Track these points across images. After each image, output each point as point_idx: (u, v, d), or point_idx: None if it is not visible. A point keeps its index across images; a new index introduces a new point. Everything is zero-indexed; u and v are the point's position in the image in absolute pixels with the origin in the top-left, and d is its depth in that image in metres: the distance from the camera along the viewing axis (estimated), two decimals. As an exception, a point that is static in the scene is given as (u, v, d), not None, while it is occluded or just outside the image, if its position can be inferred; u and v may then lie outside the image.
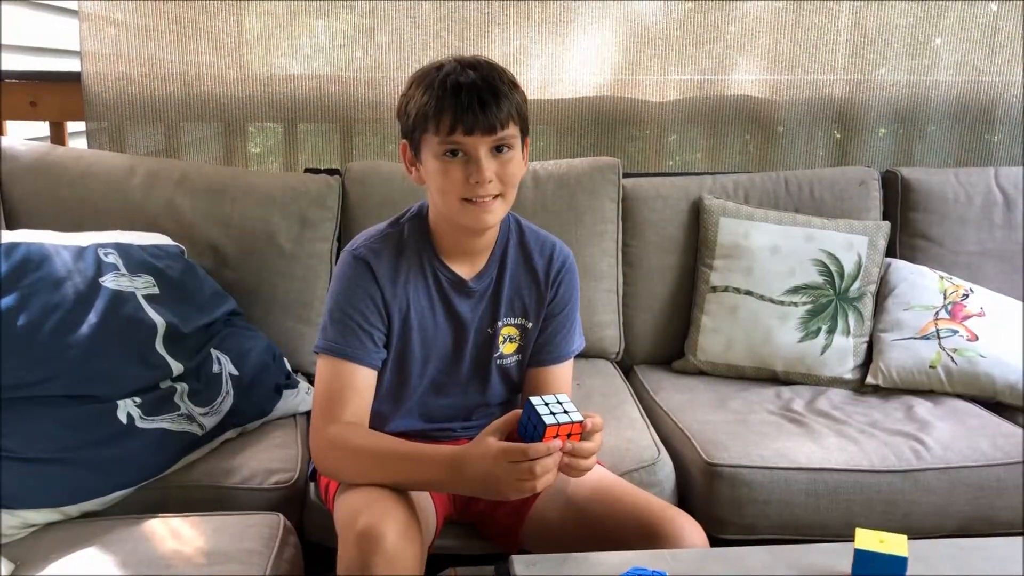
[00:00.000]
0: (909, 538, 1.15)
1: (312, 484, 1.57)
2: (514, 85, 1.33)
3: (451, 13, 2.26)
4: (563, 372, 1.50)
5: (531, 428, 1.18)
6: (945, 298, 2.08)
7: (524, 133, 1.36)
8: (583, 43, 2.32)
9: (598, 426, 1.22)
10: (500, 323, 1.46)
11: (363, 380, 1.36)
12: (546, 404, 1.18)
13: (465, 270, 1.43)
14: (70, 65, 2.34)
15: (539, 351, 1.49)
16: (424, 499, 1.37)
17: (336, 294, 1.39)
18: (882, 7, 2.37)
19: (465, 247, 1.42)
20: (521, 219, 1.50)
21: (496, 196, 1.32)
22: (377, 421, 1.42)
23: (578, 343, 1.53)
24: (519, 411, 1.21)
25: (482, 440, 1.20)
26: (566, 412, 1.18)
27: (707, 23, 2.35)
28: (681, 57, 2.37)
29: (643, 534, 1.29)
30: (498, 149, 1.31)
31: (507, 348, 1.48)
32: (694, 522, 1.32)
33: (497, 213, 1.34)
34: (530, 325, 1.48)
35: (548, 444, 1.15)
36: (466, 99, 1.26)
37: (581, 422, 1.18)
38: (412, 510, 1.25)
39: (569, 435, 1.19)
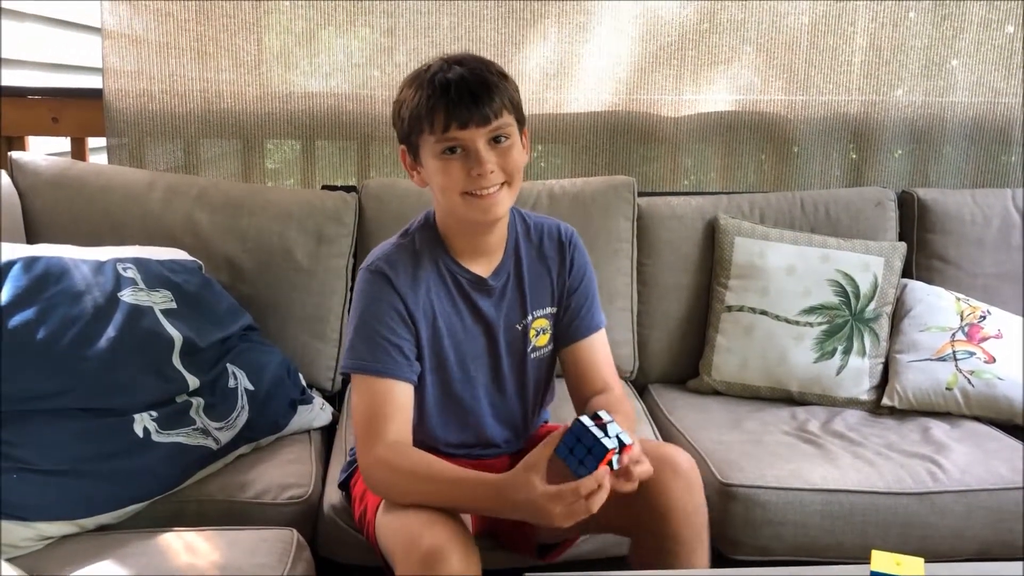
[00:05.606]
0: (926, 561, 1.14)
1: (343, 493, 1.56)
2: (503, 75, 1.33)
3: (468, 33, 2.28)
4: (600, 340, 1.50)
5: (582, 451, 1.14)
6: (962, 319, 2.06)
7: (520, 123, 1.36)
8: (599, 63, 2.34)
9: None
10: (530, 317, 1.46)
11: (401, 395, 1.34)
12: (594, 424, 1.15)
13: (481, 268, 1.43)
14: (90, 82, 2.37)
15: (568, 329, 1.48)
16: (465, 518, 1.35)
17: (359, 311, 1.37)
18: (897, 28, 2.38)
19: (478, 245, 1.42)
20: (521, 210, 1.51)
21: (502, 185, 1.32)
22: (423, 436, 1.42)
23: (601, 317, 1.52)
24: (556, 435, 1.17)
25: (527, 480, 1.16)
26: (613, 435, 1.15)
27: (722, 43, 2.36)
28: (696, 76, 2.38)
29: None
30: (496, 140, 1.31)
31: (540, 340, 1.48)
32: (684, 452, 1.34)
33: (504, 203, 1.34)
34: (555, 311, 1.48)
35: (597, 475, 1.13)
36: (456, 94, 1.27)
37: (631, 444, 1.17)
38: (468, 532, 1.24)
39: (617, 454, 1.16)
